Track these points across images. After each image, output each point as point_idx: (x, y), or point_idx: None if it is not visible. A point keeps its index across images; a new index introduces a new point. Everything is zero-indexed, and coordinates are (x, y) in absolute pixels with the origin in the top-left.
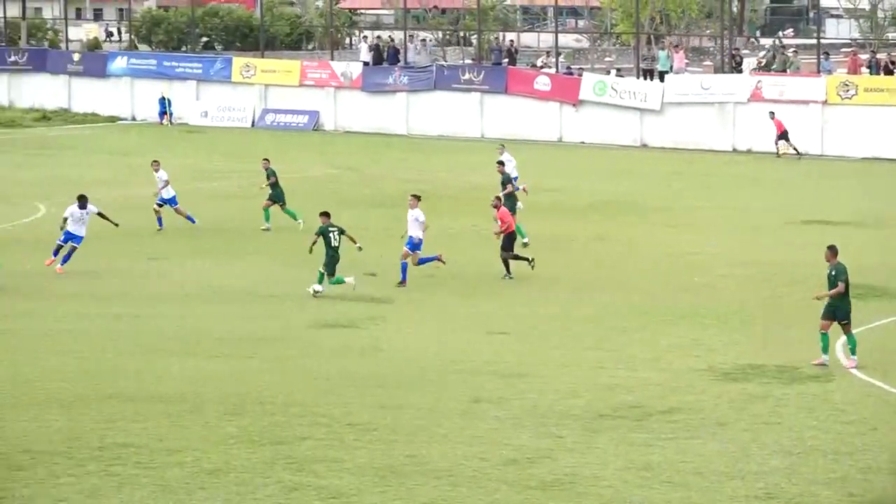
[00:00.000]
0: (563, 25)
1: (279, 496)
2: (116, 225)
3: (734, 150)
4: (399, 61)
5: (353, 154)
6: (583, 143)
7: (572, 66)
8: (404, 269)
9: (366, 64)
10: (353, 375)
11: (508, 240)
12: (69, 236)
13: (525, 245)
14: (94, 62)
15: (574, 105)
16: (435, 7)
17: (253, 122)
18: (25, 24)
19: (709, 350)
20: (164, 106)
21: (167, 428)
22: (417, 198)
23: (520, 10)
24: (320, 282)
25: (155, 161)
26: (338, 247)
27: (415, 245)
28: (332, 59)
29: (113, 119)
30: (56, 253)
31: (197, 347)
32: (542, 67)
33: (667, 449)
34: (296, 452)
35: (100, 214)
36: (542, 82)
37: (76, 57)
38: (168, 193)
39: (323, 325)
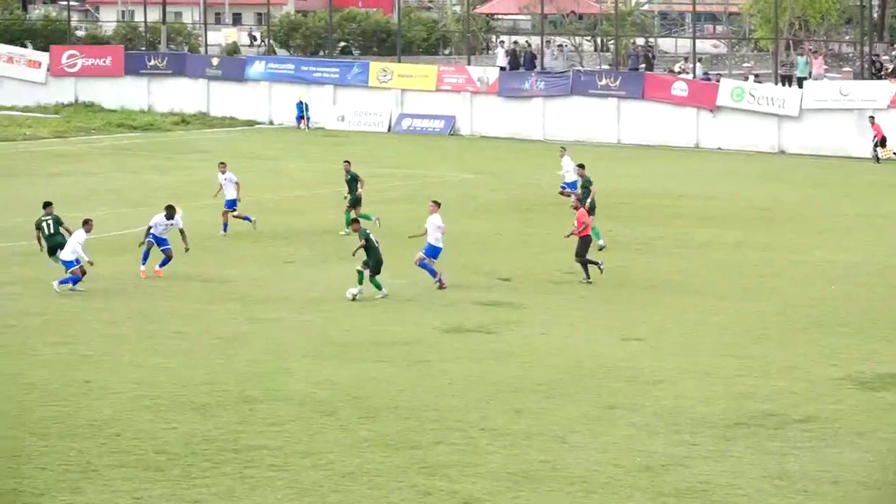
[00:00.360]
0: (701, 31)
1: (412, 500)
2: (187, 249)
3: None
4: (536, 66)
5: (489, 159)
6: (720, 149)
7: (710, 72)
8: (424, 266)
9: (502, 69)
10: (487, 380)
11: (583, 243)
12: (157, 240)
13: (601, 248)
14: (232, 66)
15: (711, 111)
16: (572, 12)
17: (389, 127)
18: (165, 28)
19: (846, 359)
20: (302, 110)
21: (302, 431)
22: (437, 204)
23: (657, 16)
24: (360, 282)
25: (222, 163)
26: (378, 249)
27: (431, 251)
28: (469, 64)
29: (251, 123)
30: (145, 261)
31: (330, 351)
32: (679, 73)
33: (803, 458)
34: (429, 457)
35: (181, 231)
36: (680, 88)
37: (215, 61)
38: (230, 195)
39: (455, 329)
